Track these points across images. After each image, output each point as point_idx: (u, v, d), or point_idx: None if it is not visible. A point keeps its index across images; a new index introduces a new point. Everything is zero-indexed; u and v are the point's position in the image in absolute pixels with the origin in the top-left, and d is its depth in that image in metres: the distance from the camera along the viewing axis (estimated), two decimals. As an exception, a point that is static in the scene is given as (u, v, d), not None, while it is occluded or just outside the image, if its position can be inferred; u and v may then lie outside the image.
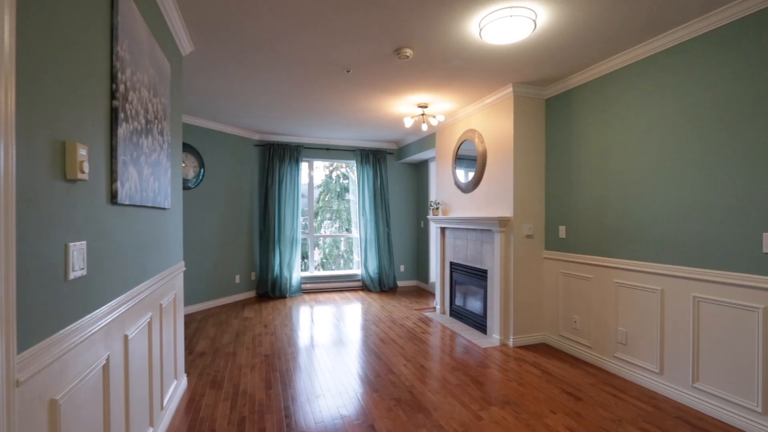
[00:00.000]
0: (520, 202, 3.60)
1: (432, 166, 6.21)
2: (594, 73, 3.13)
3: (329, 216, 9.53)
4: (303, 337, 3.83)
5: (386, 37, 2.60)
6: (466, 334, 3.98)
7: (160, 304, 2.03)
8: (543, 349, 3.50)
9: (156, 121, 1.89)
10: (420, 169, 6.61)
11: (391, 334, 3.96)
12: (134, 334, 1.62)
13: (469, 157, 4.34)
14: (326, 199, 9.49)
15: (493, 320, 3.77)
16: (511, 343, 3.59)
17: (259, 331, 4.01)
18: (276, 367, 3.06)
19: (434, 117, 4.12)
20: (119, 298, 1.45)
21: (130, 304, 1.55)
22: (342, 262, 9.29)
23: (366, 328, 4.15)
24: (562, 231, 3.48)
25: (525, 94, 3.60)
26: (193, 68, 3.16)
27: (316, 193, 9.57)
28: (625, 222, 2.88)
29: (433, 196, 6.15)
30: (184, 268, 2.61)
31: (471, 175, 4.30)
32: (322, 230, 9.53)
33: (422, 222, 6.52)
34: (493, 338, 3.73)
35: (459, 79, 3.42)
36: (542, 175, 3.69)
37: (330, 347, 3.55)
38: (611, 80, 3.01)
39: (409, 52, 2.75)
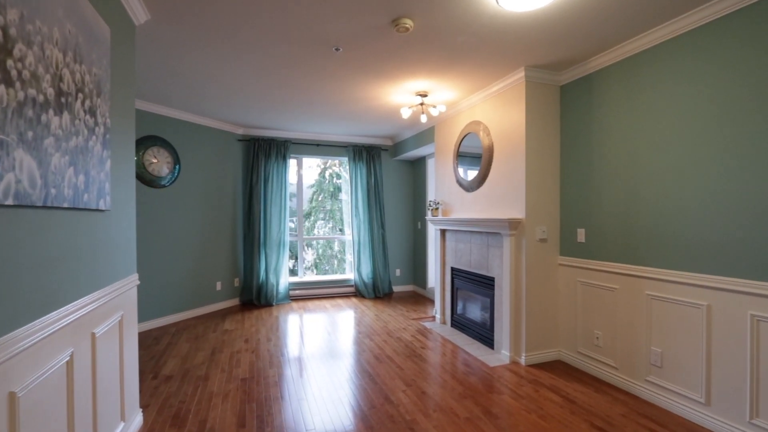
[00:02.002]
0: (533, 202, 3.19)
1: (430, 163, 5.79)
2: (620, 54, 2.72)
3: (323, 216, 9.11)
4: (287, 355, 3.38)
5: (382, 5, 2.16)
6: (471, 348, 3.56)
7: (93, 333, 1.57)
8: (559, 368, 3.09)
9: (80, 95, 1.43)
10: (417, 167, 6.19)
11: (387, 349, 3.53)
12: (37, 382, 1.17)
13: (473, 153, 3.92)
14: (319, 198, 9.06)
15: (502, 334, 3.36)
16: (522, 360, 3.17)
17: (239, 347, 3.55)
18: (253, 395, 2.61)
19: (434, 107, 3.69)
20: (-2, 340, 1.00)
21: (26, 344, 1.11)
22: (336, 262, 8.85)
23: (359, 343, 3.71)
24: (580, 234, 3.07)
25: (538, 79, 3.19)
26: (155, 45, 2.69)
27: (309, 192, 9.16)
28: (660, 225, 2.48)
29: (431, 195, 5.72)
30: (137, 282, 2.15)
31: (475, 172, 3.88)
32: (316, 230, 9.11)
33: (419, 223, 6.09)
34: (502, 355, 3.32)
35: (463, 61, 2.99)
36: (557, 172, 3.28)
37: (318, 367, 3.11)
38: (641, 61, 2.60)
39: (408, 23, 2.31)
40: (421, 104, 3.71)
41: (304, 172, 5.96)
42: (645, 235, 2.57)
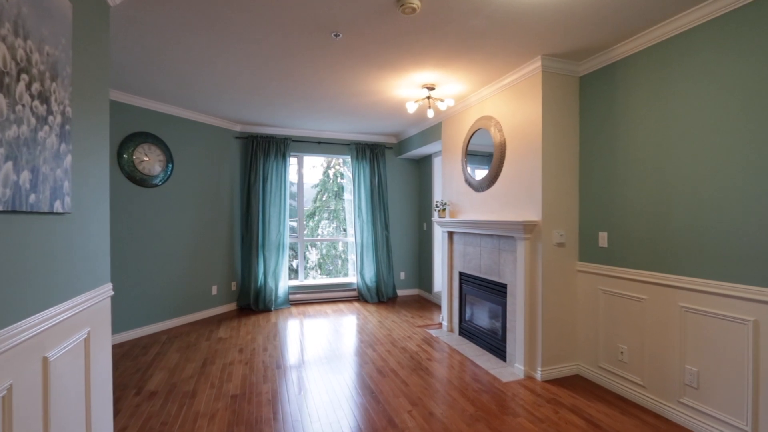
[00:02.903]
0: (550, 204, 2.93)
1: (436, 162, 5.53)
2: (648, 40, 2.45)
3: (327, 216, 8.91)
4: (284, 368, 3.14)
5: (385, -19, 1.92)
6: (481, 360, 3.30)
7: (45, 358, 1.34)
8: (579, 384, 2.83)
9: (23, 76, 1.20)
10: (423, 166, 5.93)
11: (390, 361, 3.28)
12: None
13: (483, 151, 3.67)
14: (324, 198, 8.86)
15: (516, 346, 3.10)
16: (538, 376, 2.91)
17: (232, 358, 3.32)
18: (243, 415, 2.37)
19: (442, 101, 3.44)
20: None
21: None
22: (340, 262, 8.64)
23: (361, 353, 3.47)
24: (602, 238, 2.81)
25: (556, 69, 2.93)
26: (136, 29, 2.47)
27: (313, 192, 8.96)
28: (697, 228, 2.21)
29: (438, 195, 5.47)
30: (110, 293, 1.92)
31: (485, 171, 3.63)
32: (320, 230, 8.90)
33: (425, 224, 5.84)
34: (516, 368, 3.06)
35: (475, 50, 2.74)
36: (575, 170, 3.02)
37: (316, 382, 2.87)
38: (673, 48, 2.33)
39: (415, 2, 2.06)
40: (428, 98, 3.46)
41: (308, 172, 5.74)
42: (678, 239, 2.31)
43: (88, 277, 1.70)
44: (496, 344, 3.42)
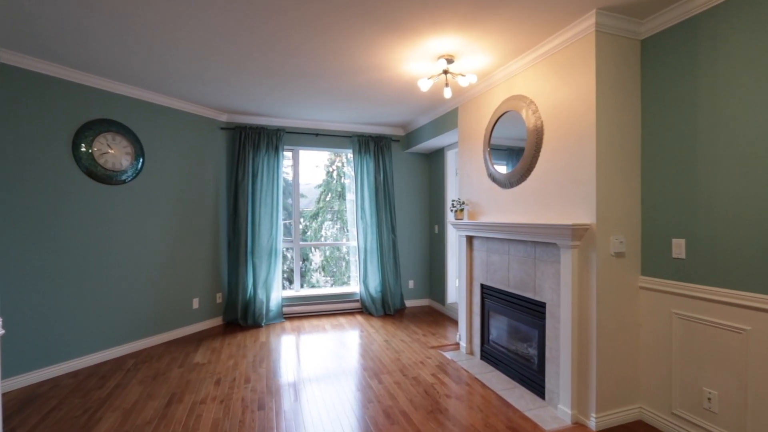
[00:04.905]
0: (606, 202, 2.28)
1: (450, 156, 4.89)
2: (754, -22, 1.80)
3: (330, 217, 8.40)
4: (267, 408, 2.51)
5: None
6: (513, 396, 2.66)
7: None
8: (647, 436, 2.18)
9: None
10: (434, 160, 5.29)
11: (400, 398, 2.64)
12: None
13: (506, 145, 3.03)
14: (327, 198, 8.35)
15: (559, 381, 2.45)
16: (592, 424, 2.26)
17: (205, 394, 2.70)
18: (203, 491, 1.74)
19: (463, 75, 2.80)
20: None
21: None
22: (344, 264, 8.08)
23: (364, 387, 2.83)
24: (677, 247, 2.15)
25: (613, 30, 2.28)
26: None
27: (317, 193, 8.43)
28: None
29: (451, 193, 4.82)
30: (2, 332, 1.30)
31: (512, 164, 2.99)
32: (324, 231, 8.37)
33: (436, 227, 5.19)
34: (560, 411, 2.41)
35: (507, 4, 2.10)
36: (637, 160, 2.37)
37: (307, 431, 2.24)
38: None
39: None
40: (445, 73, 2.82)
41: (310, 171, 5.11)
42: (807, 251, 1.65)
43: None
44: (530, 375, 2.78)
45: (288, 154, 5.02)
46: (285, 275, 5.93)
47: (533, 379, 2.74)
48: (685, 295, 2.11)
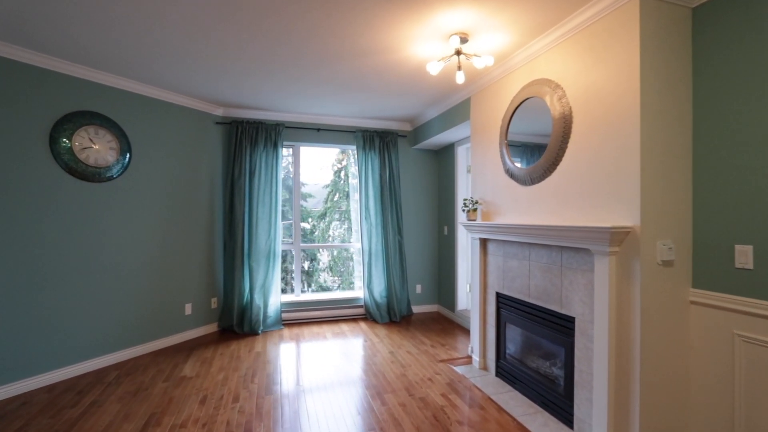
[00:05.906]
0: (652, 202, 1.92)
1: (460, 152, 4.54)
2: None
3: (338, 217, 8.20)
4: (255, 434, 2.21)
5: None
6: (535, 424, 2.31)
7: None
8: (703, 483, 1.81)
9: None
10: (443, 157, 4.94)
11: (405, 425, 2.31)
12: None
13: (531, 132, 2.67)
14: (335, 199, 8.15)
15: (593, 410, 2.09)
16: (634, 465, 1.91)
17: (187, 415, 2.41)
18: None
19: (479, 56, 2.46)
20: None
21: None
22: (351, 264, 7.84)
23: (366, 410, 2.51)
24: (741, 255, 1.78)
25: (660, -5, 1.92)
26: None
27: (324, 193, 8.20)
28: None
29: (462, 192, 4.47)
30: None
31: (530, 159, 2.63)
32: (331, 231, 8.17)
33: (446, 228, 4.84)
34: (594, 446, 2.05)
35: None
36: (688, 151, 2.00)
37: (295, 467, 1.93)
38: None
39: None
40: (458, 54, 2.48)
41: (317, 172, 4.82)
42: None
43: None
44: (554, 399, 2.42)
45: (287, 150, 4.73)
46: (284, 278, 5.64)
47: (558, 404, 2.39)
48: (753, 313, 1.74)
